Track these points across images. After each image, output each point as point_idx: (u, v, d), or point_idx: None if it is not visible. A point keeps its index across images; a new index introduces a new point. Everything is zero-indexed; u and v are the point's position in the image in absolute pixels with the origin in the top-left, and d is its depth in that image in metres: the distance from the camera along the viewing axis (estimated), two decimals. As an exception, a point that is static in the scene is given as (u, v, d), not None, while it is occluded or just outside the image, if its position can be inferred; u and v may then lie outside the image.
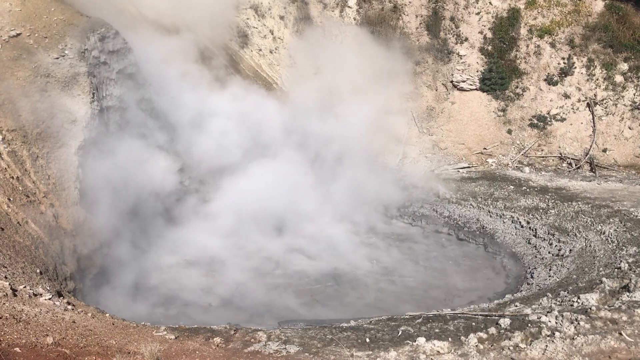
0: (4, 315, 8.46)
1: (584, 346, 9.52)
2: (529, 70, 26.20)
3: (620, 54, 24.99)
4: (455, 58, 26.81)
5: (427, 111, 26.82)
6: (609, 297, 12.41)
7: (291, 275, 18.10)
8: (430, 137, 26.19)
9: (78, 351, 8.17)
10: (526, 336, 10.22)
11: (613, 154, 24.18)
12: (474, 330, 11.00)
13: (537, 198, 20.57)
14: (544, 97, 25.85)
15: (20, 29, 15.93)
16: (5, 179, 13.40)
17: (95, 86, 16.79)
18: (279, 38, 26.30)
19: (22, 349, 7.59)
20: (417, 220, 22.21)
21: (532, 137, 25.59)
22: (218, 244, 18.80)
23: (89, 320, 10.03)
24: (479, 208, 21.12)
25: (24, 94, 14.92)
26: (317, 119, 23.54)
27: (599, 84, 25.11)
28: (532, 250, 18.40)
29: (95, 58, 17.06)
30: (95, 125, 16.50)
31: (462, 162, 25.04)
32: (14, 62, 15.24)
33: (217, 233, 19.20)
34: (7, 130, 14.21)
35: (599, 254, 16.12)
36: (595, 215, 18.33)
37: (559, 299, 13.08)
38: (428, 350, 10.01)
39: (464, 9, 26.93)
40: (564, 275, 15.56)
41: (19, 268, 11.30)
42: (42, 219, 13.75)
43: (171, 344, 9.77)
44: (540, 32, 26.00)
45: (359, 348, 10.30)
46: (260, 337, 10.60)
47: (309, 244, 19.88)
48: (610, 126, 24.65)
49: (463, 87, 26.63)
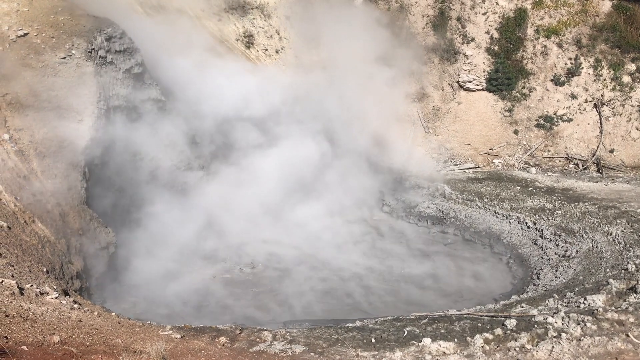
0: (11, 313, 8.50)
1: (590, 347, 9.47)
2: (536, 70, 26.10)
3: (627, 55, 24.86)
4: (462, 58, 26.74)
5: (433, 111, 26.77)
6: (615, 298, 12.35)
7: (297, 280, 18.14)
8: (437, 138, 26.14)
9: (84, 350, 8.20)
10: (532, 337, 10.19)
11: (620, 154, 24.06)
12: (480, 331, 10.98)
13: (543, 199, 20.48)
14: (550, 97, 25.74)
15: (27, 29, 16.01)
16: (13, 177, 13.47)
17: (101, 86, 16.84)
18: (285, 38, 26.35)
19: (29, 347, 7.61)
20: (422, 221, 22.15)
21: (539, 137, 25.49)
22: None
23: (95, 319, 10.06)
24: (485, 209, 21.05)
25: (31, 93, 15.00)
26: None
27: (606, 84, 24.99)
28: (538, 251, 18.33)
29: (101, 58, 17.12)
30: (102, 124, 16.56)
31: (469, 163, 24.97)
32: (21, 62, 15.33)
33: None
34: (14, 129, 14.29)
35: (605, 255, 16.04)
36: (602, 217, 18.24)
37: (565, 300, 13.02)
38: (434, 350, 9.99)
39: (471, 9, 26.86)
40: (571, 276, 15.50)
41: (26, 267, 11.35)
42: (49, 218, 13.82)
43: (177, 343, 9.79)
44: (547, 32, 25.90)
45: (364, 348, 10.30)
46: (266, 336, 10.61)
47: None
48: (618, 127, 24.53)
49: (469, 87, 26.55)
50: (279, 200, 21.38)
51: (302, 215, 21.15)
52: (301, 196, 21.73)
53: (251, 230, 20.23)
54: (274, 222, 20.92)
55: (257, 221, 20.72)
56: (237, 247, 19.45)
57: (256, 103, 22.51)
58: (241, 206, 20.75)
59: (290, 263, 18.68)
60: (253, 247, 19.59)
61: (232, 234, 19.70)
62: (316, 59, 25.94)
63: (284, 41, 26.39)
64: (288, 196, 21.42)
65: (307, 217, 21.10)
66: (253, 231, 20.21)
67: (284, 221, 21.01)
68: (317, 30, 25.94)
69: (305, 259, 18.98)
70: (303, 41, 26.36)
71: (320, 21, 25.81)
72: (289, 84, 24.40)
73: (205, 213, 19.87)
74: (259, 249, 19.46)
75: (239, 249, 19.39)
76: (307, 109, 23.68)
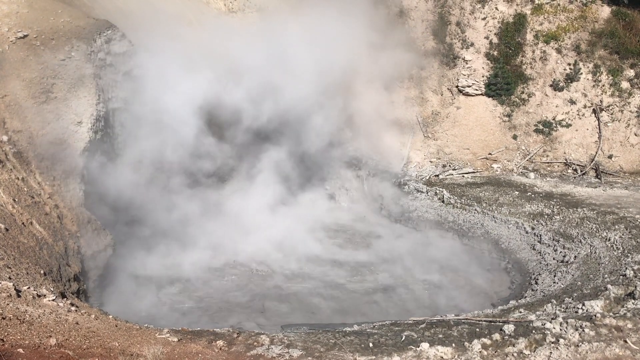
0: (8, 316, 8.47)
1: (588, 353, 9.46)
2: (535, 75, 26.13)
3: (626, 60, 24.91)
4: (461, 63, 26.78)
5: (432, 116, 26.79)
6: (614, 304, 12.34)
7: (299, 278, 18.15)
8: (435, 142, 26.15)
9: (81, 353, 8.17)
10: (530, 343, 10.17)
11: (619, 160, 24.08)
12: (478, 336, 10.95)
13: (542, 204, 20.48)
14: (549, 102, 25.77)
15: (27, 31, 16.01)
16: (11, 179, 13.44)
17: (101, 88, 16.84)
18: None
19: (26, 349, 7.59)
20: (421, 225, 22.14)
21: (538, 142, 25.51)
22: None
23: (92, 322, 10.03)
24: (484, 213, 21.04)
25: (30, 95, 14.99)
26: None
27: (605, 90, 25.03)
28: (536, 256, 18.33)
29: (101, 60, 17.13)
30: (101, 126, 16.56)
31: (467, 167, 24.98)
32: (21, 64, 15.32)
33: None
34: (13, 131, 14.27)
35: (604, 261, 16.04)
36: (600, 222, 18.23)
37: (563, 305, 13.02)
38: (432, 355, 9.96)
39: (470, 14, 26.92)
40: (569, 282, 15.48)
41: (23, 269, 11.32)
42: (47, 220, 13.79)
43: (174, 346, 9.76)
44: (547, 37, 25.95)
45: (362, 353, 10.27)
46: (263, 340, 10.58)
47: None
48: (616, 132, 24.55)
49: (468, 92, 26.57)
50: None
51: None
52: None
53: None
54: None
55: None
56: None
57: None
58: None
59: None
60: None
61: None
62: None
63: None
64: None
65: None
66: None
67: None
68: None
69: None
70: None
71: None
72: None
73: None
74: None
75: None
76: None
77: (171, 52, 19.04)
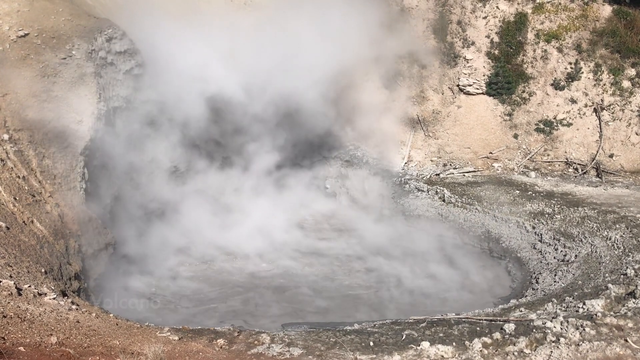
0: (9, 314, 8.48)
1: (589, 352, 9.46)
2: (536, 74, 26.10)
3: (627, 60, 24.87)
4: (462, 62, 26.73)
5: (433, 115, 26.75)
6: (614, 303, 12.34)
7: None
8: (436, 141, 26.12)
9: (82, 351, 8.18)
10: (531, 342, 10.17)
11: (620, 159, 24.05)
12: (479, 335, 10.96)
13: (542, 203, 20.46)
14: (550, 101, 25.73)
15: (28, 29, 16.00)
16: (12, 178, 13.45)
17: (102, 87, 16.84)
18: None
19: (26, 348, 7.60)
20: (421, 224, 22.12)
21: (539, 141, 25.48)
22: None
23: (93, 320, 10.04)
24: (485, 212, 21.02)
25: (31, 93, 14.99)
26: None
27: (606, 89, 24.99)
28: (537, 256, 18.31)
29: (102, 59, 17.13)
30: (102, 125, 16.56)
31: (468, 166, 24.96)
32: (21, 62, 15.31)
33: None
34: (13, 129, 14.27)
35: (604, 260, 16.03)
36: (601, 221, 18.21)
37: (564, 304, 13.01)
38: (432, 354, 9.97)
39: (471, 12, 26.87)
40: (570, 281, 15.48)
41: (24, 267, 11.33)
42: (48, 219, 13.79)
43: (175, 345, 9.77)
44: (548, 36, 25.90)
45: (362, 351, 10.28)
46: (264, 339, 10.59)
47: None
48: (617, 132, 24.53)
49: (469, 91, 26.54)
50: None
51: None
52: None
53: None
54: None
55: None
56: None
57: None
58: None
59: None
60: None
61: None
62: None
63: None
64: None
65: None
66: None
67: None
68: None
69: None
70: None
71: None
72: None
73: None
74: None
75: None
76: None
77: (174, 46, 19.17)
